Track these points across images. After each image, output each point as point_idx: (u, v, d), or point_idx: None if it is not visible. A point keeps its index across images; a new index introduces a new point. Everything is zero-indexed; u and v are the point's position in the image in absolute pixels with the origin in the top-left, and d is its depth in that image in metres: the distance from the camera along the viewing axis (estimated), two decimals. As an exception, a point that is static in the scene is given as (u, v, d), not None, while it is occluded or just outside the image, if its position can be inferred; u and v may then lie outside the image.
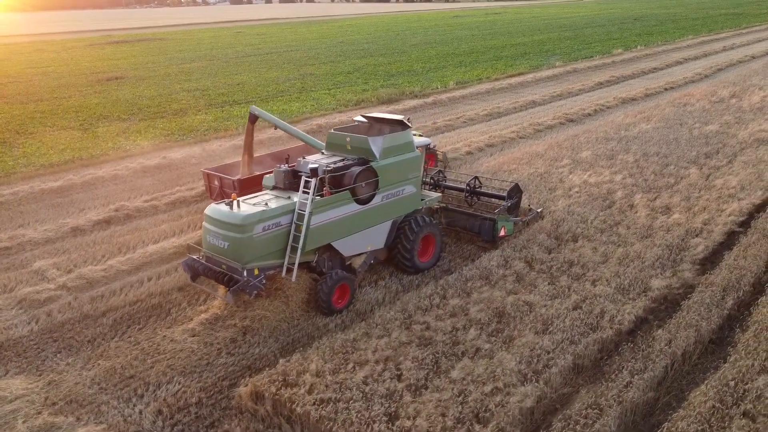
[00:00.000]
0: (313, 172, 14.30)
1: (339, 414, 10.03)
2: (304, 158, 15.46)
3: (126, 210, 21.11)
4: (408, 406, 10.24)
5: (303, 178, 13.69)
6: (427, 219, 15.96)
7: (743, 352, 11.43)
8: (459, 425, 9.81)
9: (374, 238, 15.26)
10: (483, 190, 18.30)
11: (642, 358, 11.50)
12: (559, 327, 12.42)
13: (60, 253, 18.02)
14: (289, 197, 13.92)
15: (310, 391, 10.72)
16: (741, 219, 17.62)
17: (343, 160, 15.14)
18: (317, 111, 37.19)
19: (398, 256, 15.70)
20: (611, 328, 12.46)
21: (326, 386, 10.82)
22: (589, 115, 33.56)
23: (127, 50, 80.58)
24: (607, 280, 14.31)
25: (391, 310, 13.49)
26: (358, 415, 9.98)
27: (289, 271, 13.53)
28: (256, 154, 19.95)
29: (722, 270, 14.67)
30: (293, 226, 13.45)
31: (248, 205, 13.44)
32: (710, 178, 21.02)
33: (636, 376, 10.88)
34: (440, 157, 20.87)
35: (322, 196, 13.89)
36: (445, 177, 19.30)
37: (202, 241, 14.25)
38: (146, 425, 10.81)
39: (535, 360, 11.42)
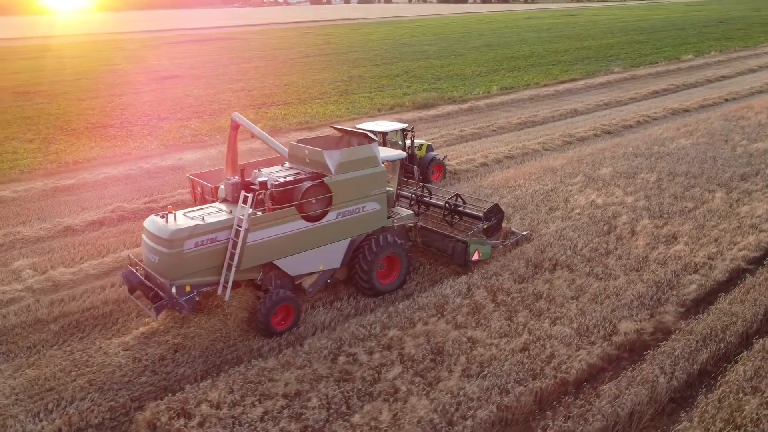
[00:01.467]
0: (262, 185, 13.69)
1: (217, 454, 9.34)
2: (258, 170, 14.87)
3: (121, 211, 21.29)
4: (291, 452, 9.41)
5: (242, 193, 13.07)
6: (390, 239, 14.98)
7: (697, 420, 9.84)
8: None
9: (328, 258, 14.45)
10: (465, 209, 17.08)
11: (576, 416, 10.12)
12: (495, 371, 11.19)
13: (43, 253, 18.29)
14: (231, 211, 13.35)
15: (201, 424, 10.10)
16: (753, 255, 15.58)
17: (298, 173, 14.44)
18: (348, 115, 36.67)
19: (356, 277, 14.83)
20: (555, 376, 11.10)
21: (219, 420, 10.17)
22: (630, 127, 31.27)
23: (196, 49, 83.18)
24: (570, 319, 12.87)
25: (324, 337, 12.65)
26: (235, 458, 9.25)
27: (226, 288, 12.96)
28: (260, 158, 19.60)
29: (710, 315, 12.91)
30: (230, 242, 12.87)
31: (185, 219, 12.97)
32: (736, 205, 18.83)
33: (562, 439, 9.57)
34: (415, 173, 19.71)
35: (264, 211, 13.24)
36: (430, 193, 18.21)
37: (144, 253, 13.95)
38: (40, 445, 10.53)
39: (454, 409, 10.28)
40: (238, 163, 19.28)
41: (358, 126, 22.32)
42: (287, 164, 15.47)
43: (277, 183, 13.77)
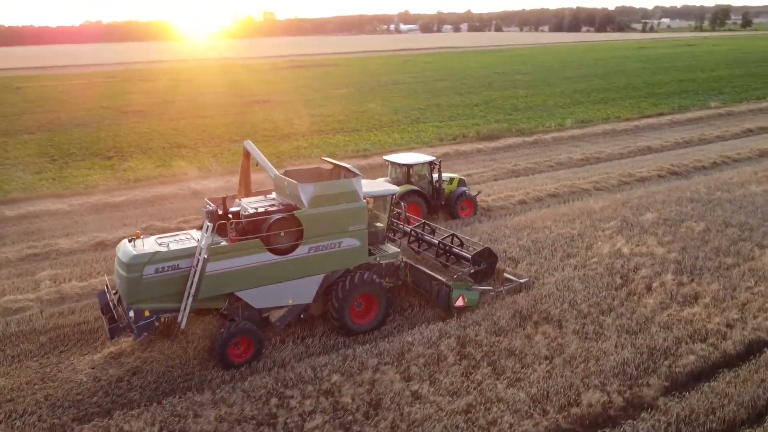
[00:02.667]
0: (235, 215, 13.71)
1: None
2: (239, 200, 14.92)
3: (153, 230, 22.19)
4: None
5: (204, 221, 13.14)
6: (367, 277, 14.44)
7: None
8: None
9: (298, 292, 14.12)
10: (462, 250, 16.15)
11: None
12: (423, 433, 10.31)
13: (67, 266, 19.40)
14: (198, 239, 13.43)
15: (106, 455, 10.06)
16: (781, 326, 13.44)
17: (276, 205, 14.32)
18: (408, 144, 36.45)
19: (328, 315, 14.40)
20: (487, 446, 10.04)
21: (125, 453, 10.07)
22: (703, 168, 28.57)
23: (297, 75, 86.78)
24: (531, 383, 11.66)
25: (269, 376, 12.31)
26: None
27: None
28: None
29: (699, 394, 11.22)
30: (192, 270, 12.92)
31: (152, 244, 13.21)
32: (786, 266, 16.47)
33: None
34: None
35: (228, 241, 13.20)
36: (432, 231, 17.46)
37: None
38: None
39: (360, 470, 9.55)
40: (251, 188, 19.54)
41: (386, 157, 22.08)
42: (273, 195, 15.42)
43: (246, 214, 13.72)
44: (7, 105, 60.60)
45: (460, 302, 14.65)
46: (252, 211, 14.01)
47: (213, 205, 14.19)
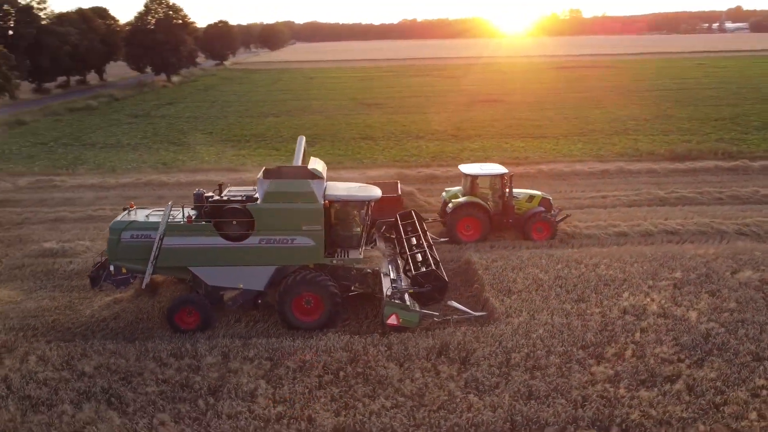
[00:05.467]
0: (205, 199, 15.46)
1: None
2: (228, 188, 16.57)
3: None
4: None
5: (169, 203, 15.15)
6: (312, 277, 14.83)
7: None
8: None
9: (249, 279, 15.24)
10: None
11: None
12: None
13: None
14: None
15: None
16: None
17: (248, 196, 15.60)
18: (579, 156, 33.57)
19: (275, 305, 15.25)
20: (252, 455, 10.12)
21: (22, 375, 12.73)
22: None
23: (555, 75, 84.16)
24: (369, 414, 11.01)
25: (176, 341, 13.87)
26: None
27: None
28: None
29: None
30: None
31: (138, 215, 15.72)
32: None
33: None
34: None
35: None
36: (430, 244, 16.70)
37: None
38: None
39: None
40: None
41: (460, 166, 21.45)
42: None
43: (213, 200, 15.34)
44: (285, 92, 72.27)
45: (393, 320, 14.05)
46: (233, 199, 15.52)
47: (201, 190, 16.14)
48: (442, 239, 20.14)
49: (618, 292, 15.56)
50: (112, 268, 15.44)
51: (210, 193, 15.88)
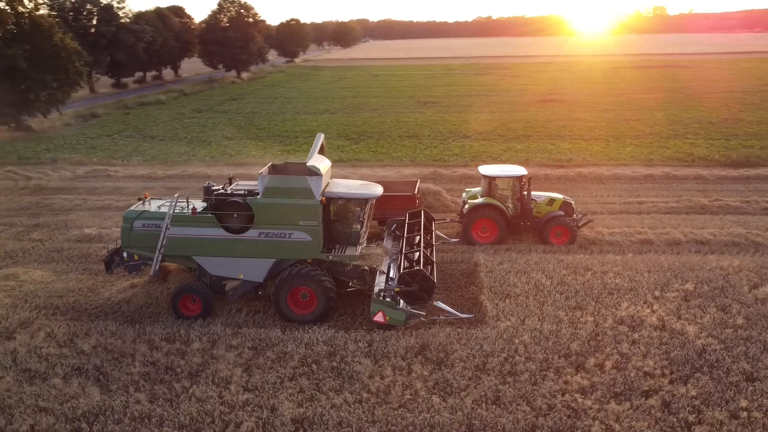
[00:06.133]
0: (211, 192, 16.11)
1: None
2: (236, 181, 17.13)
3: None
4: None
5: (174, 195, 15.89)
6: (306, 272, 15.17)
7: None
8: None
9: (249, 270, 15.74)
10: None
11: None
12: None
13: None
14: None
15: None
16: None
17: (251, 191, 16.11)
18: (617, 158, 32.57)
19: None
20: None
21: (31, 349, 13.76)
22: None
23: (627, 75, 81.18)
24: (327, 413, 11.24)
25: (169, 326, 14.56)
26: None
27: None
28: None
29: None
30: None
31: (150, 205, 16.56)
32: None
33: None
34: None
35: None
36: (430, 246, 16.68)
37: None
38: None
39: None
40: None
41: (480, 167, 21.26)
42: None
43: (218, 192, 15.95)
44: (346, 89, 73.35)
45: (379, 318, 14.16)
46: (236, 192, 16.11)
47: (211, 183, 16.81)
48: (453, 240, 20.01)
49: (619, 302, 15.03)
50: (125, 254, 16.36)
51: (217, 186, 16.50)
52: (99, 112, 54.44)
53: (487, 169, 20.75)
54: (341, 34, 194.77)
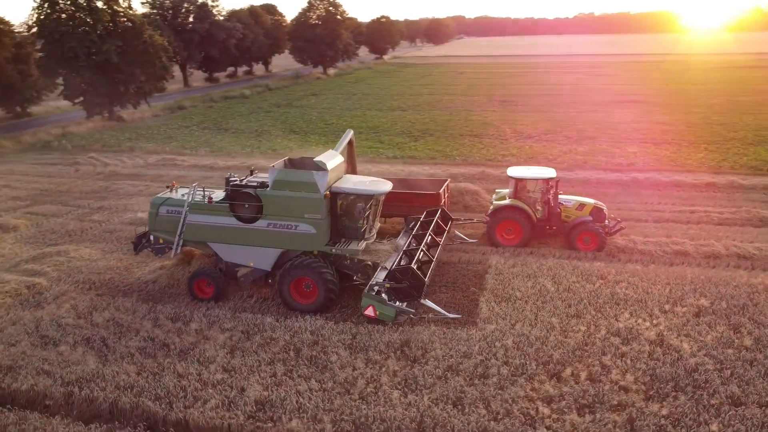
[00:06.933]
0: (228, 182, 16.99)
1: None
2: (256, 173, 17.91)
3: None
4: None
5: (193, 184, 16.88)
6: (308, 263, 15.69)
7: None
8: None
9: (260, 259, 16.47)
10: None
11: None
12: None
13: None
14: None
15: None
16: None
17: (263, 183, 16.80)
18: (685, 163, 30.60)
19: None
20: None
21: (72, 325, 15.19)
22: None
23: (728, 76, 76.05)
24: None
25: (179, 307, 15.56)
26: None
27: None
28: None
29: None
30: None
31: (178, 192, 17.68)
32: None
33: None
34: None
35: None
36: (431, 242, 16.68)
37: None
38: None
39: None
40: (356, 168, 21.81)
41: (509, 168, 20.98)
42: None
43: (234, 183, 16.78)
44: (426, 86, 73.45)
45: (370, 312, 14.43)
46: (250, 184, 16.91)
47: (231, 173, 17.70)
48: (472, 240, 19.85)
49: (621, 313, 14.41)
50: (151, 237, 17.60)
51: (235, 177, 17.34)
52: (186, 105, 57.91)
53: (515, 171, 20.37)
54: (433, 31, 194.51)
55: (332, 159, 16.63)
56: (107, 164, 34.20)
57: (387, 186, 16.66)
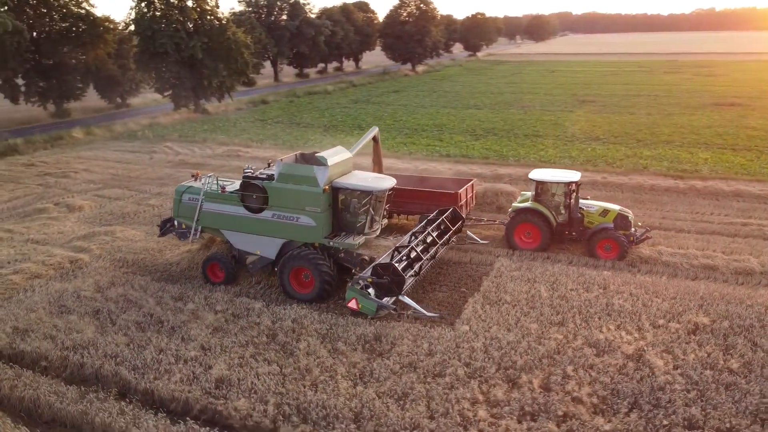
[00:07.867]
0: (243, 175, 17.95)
1: None
2: (270, 165, 18.70)
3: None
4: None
5: (205, 175, 18.00)
6: (305, 254, 16.28)
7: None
8: None
9: (265, 247, 17.26)
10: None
11: None
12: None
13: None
14: None
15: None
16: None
17: (271, 175, 17.56)
18: (760, 176, 28.21)
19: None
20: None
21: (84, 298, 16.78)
22: None
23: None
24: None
25: (184, 288, 16.67)
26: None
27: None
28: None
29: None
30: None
31: (201, 181, 18.86)
32: None
33: None
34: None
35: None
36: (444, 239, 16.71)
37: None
38: None
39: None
40: (381, 165, 22.25)
41: (532, 171, 20.59)
42: None
43: (246, 174, 17.68)
44: (511, 84, 72.14)
45: (353, 304, 14.78)
46: (260, 176, 17.76)
47: (248, 165, 18.62)
48: (483, 241, 19.63)
49: (605, 324, 13.84)
50: (176, 222, 18.92)
51: (249, 169, 18.24)
52: (269, 99, 60.45)
53: (537, 174, 19.88)
54: (534, 27, 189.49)
55: (336, 155, 17.10)
56: (179, 153, 36.62)
57: (388, 183, 16.90)
